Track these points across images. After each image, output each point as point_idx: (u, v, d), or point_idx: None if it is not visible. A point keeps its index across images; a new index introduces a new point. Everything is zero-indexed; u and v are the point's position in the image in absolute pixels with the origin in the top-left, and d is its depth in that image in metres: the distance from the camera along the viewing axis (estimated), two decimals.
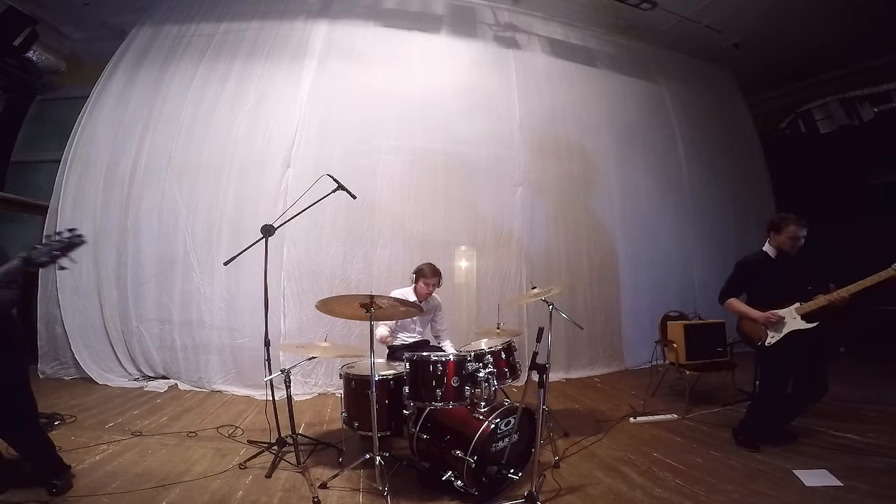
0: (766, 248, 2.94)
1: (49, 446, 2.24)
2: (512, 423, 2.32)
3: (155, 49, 5.03)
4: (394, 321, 3.26)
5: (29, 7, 4.92)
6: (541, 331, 2.16)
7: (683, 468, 2.61)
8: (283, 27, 5.01)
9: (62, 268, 1.87)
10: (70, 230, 1.86)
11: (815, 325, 2.73)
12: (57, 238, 1.83)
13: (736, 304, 3.00)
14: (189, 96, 4.78)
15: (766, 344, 2.86)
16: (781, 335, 2.81)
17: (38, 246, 1.81)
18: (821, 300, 2.69)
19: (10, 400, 2.06)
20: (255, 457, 2.69)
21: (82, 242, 1.88)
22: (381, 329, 3.15)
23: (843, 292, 2.60)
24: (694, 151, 6.23)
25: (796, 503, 2.21)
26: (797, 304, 2.78)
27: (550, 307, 2.74)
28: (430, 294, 3.32)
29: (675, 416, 3.51)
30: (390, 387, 2.60)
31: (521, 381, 3.12)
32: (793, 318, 2.79)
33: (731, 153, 6.60)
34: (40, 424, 2.32)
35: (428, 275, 3.25)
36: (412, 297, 3.27)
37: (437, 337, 3.50)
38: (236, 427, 3.21)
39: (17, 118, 5.77)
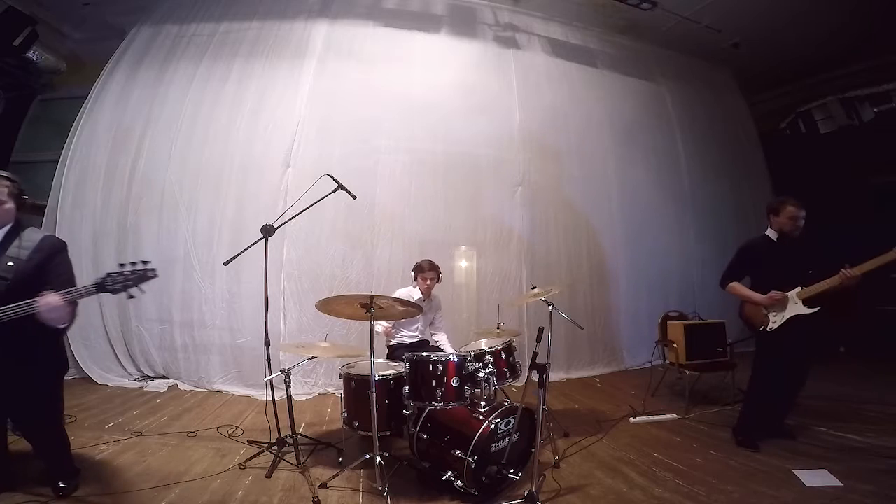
0: (769, 231, 2.95)
1: (66, 448, 2.26)
2: (512, 423, 2.32)
3: (155, 49, 5.03)
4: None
5: (29, 7, 4.92)
6: (541, 331, 2.16)
7: (683, 468, 2.61)
8: (283, 27, 5.01)
9: (131, 296, 1.94)
10: (144, 262, 1.95)
11: (816, 309, 2.73)
12: (131, 269, 1.92)
13: (738, 287, 3.01)
14: (189, 96, 4.78)
15: (767, 329, 2.85)
16: (783, 320, 2.80)
17: (113, 274, 1.89)
18: (824, 284, 2.68)
19: (41, 399, 2.11)
20: (255, 457, 2.69)
21: (154, 276, 1.97)
22: (382, 323, 3.19)
23: (857, 271, 2.59)
24: (694, 151, 6.23)
25: (796, 503, 2.21)
26: (799, 289, 2.78)
27: (550, 307, 2.74)
28: (430, 288, 3.35)
29: (675, 416, 3.51)
30: (390, 387, 2.60)
31: (521, 381, 3.13)
32: (794, 303, 2.79)
33: (731, 153, 6.60)
34: (63, 425, 2.34)
35: (425, 269, 3.31)
36: (416, 295, 3.33)
37: (433, 334, 3.51)
38: (236, 427, 3.21)
39: (17, 118, 5.76)
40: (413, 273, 3.39)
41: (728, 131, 6.69)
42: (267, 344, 2.79)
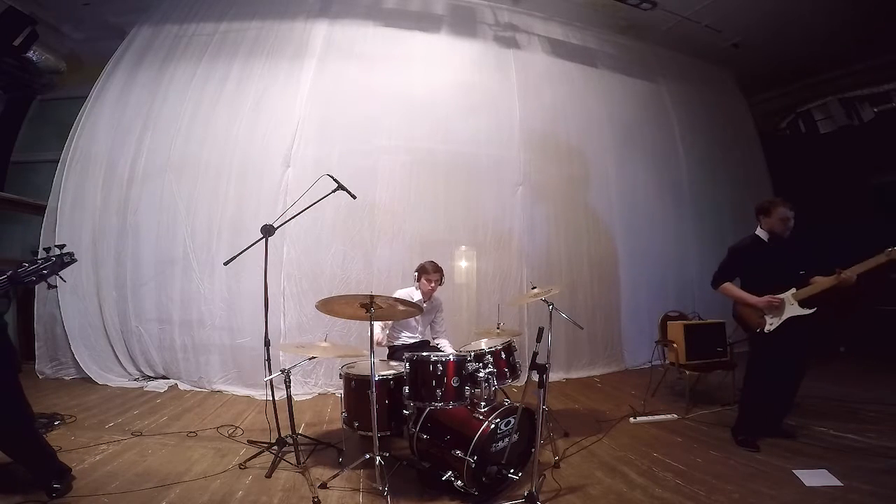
0: (759, 231, 2.95)
1: (47, 452, 2.21)
2: (512, 423, 2.32)
3: (155, 49, 5.03)
4: (390, 322, 3.28)
5: (29, 7, 4.92)
6: (541, 331, 2.16)
7: (683, 468, 2.61)
8: (283, 27, 5.01)
9: (51, 286, 1.89)
10: (59, 246, 1.87)
11: (813, 310, 2.73)
12: (45, 257, 1.83)
13: (731, 288, 3.00)
14: (189, 96, 4.78)
15: (765, 330, 2.84)
16: (781, 321, 2.80)
17: (26, 265, 1.82)
18: (819, 285, 2.69)
19: (2, 408, 2.02)
20: (255, 457, 2.68)
21: (73, 261, 1.90)
22: (376, 331, 3.17)
23: (851, 272, 2.59)
24: (694, 151, 6.23)
25: (796, 503, 2.21)
26: (793, 290, 2.79)
27: (550, 307, 2.74)
28: (433, 290, 3.33)
29: (675, 416, 3.51)
30: (390, 387, 2.60)
31: (521, 381, 3.12)
32: (790, 304, 2.79)
33: (731, 153, 6.61)
34: (36, 430, 2.28)
35: (429, 271, 3.29)
36: (417, 296, 3.31)
37: (434, 337, 3.50)
38: (236, 427, 3.21)
39: (17, 118, 5.77)
40: (416, 274, 3.37)
41: (728, 131, 6.69)
42: (267, 344, 2.79)
